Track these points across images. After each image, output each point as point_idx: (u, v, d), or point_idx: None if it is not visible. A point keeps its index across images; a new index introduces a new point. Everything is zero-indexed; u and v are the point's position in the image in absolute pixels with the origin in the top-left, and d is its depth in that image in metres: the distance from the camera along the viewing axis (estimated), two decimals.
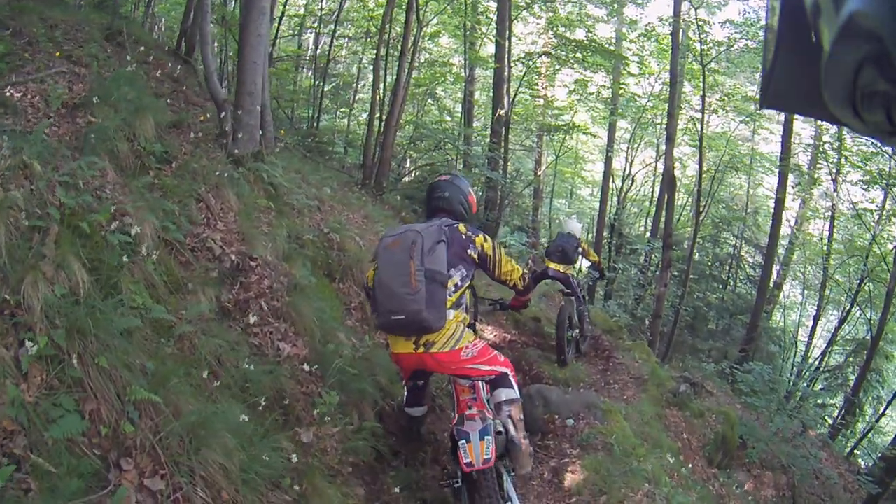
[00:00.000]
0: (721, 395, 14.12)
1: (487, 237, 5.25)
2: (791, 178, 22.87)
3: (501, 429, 4.86)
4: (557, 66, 24.17)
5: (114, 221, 4.84)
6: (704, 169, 21.78)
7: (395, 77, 15.56)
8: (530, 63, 22.60)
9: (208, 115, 8.54)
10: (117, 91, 6.74)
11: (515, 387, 5.05)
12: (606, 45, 22.05)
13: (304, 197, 8.59)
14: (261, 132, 8.05)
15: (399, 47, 15.43)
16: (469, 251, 5.05)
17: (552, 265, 10.61)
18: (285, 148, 12.77)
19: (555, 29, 22.11)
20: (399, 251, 4.71)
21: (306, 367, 5.70)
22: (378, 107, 16.45)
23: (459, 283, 4.96)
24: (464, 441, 4.56)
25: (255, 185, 7.48)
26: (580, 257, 11.15)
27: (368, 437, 5.63)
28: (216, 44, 17.90)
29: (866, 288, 22.07)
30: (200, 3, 8.62)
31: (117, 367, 3.85)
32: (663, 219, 23.08)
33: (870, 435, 21.59)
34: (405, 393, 5.66)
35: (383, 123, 15.70)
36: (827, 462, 12.16)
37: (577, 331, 11.06)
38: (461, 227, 5.11)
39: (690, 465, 8.60)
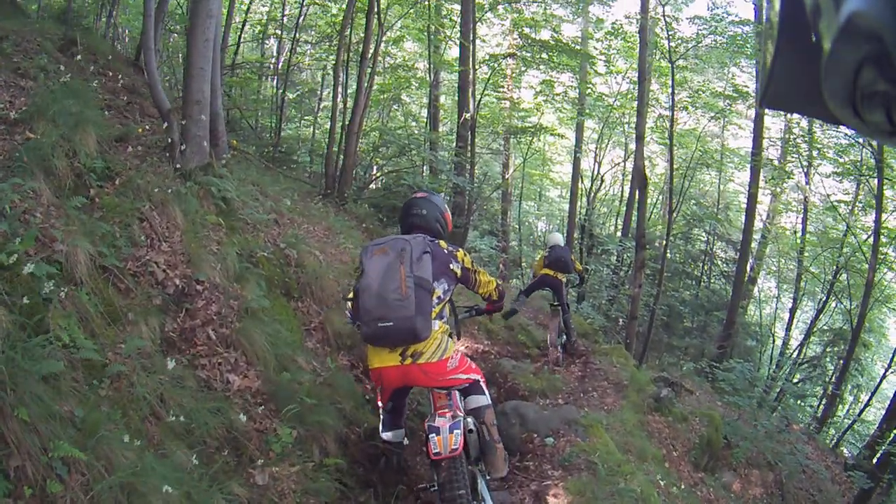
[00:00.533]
0: (701, 393, 14.15)
1: (466, 252, 5.31)
2: (762, 172, 22.77)
3: (473, 427, 4.98)
4: (523, 68, 23.92)
5: (40, 250, 4.38)
6: (675, 167, 21.56)
7: (356, 83, 15.06)
8: (495, 65, 22.34)
9: (147, 127, 7.91)
10: (57, 105, 6.17)
11: (487, 392, 5.14)
12: (573, 45, 21.79)
13: (259, 211, 8.03)
14: (208, 143, 7.43)
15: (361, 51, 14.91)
16: (451, 266, 5.06)
17: (551, 273, 11.79)
18: (245, 158, 12.31)
19: (520, 30, 21.82)
20: (388, 257, 4.65)
21: (259, 400, 5.28)
22: (341, 113, 16.04)
23: (442, 296, 4.96)
24: (434, 434, 4.58)
25: (205, 201, 6.91)
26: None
27: (332, 474, 5.22)
28: (180, 55, 17.40)
29: (842, 278, 22.29)
30: (146, 5, 8.01)
31: (41, 418, 3.38)
32: (635, 218, 22.98)
33: (843, 419, 22.10)
34: (382, 417, 5.36)
35: (345, 130, 15.18)
36: (813, 456, 12.15)
37: (566, 337, 12.30)
38: (442, 242, 5.12)
39: (677, 473, 8.43)
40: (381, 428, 5.39)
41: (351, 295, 5.05)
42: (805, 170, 23.66)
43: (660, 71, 22.45)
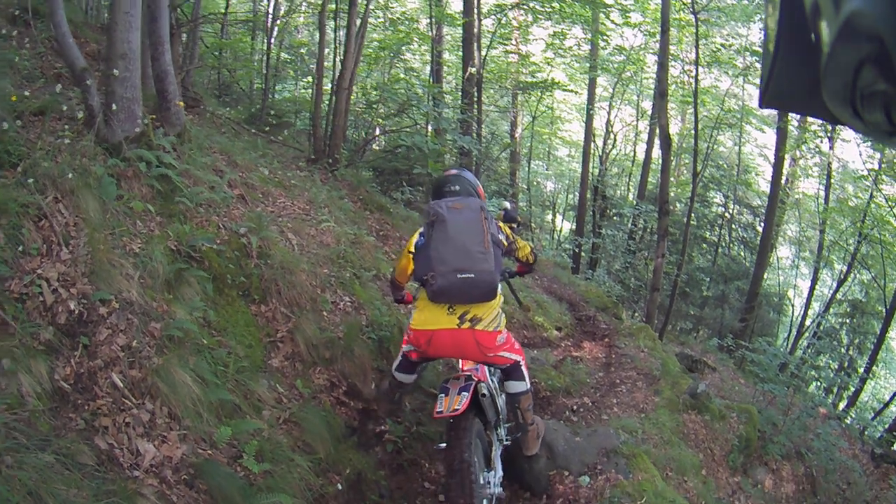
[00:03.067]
0: (724, 370, 13.81)
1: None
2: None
3: (487, 392, 5.11)
4: (531, 19, 22.43)
5: None
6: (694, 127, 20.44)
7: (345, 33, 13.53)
8: (502, 17, 21.03)
9: (70, 95, 6.19)
10: None
11: (526, 377, 5.28)
12: None
13: (218, 186, 6.57)
14: (140, 107, 5.75)
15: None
16: (499, 235, 5.13)
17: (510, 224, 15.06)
18: (222, 123, 10.96)
19: None
20: (469, 212, 4.80)
21: (183, 477, 3.76)
22: (329, 70, 14.80)
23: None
24: (443, 395, 4.77)
25: (134, 182, 5.38)
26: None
27: None
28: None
29: (862, 249, 21.96)
30: None
31: None
32: (652, 181, 21.90)
33: (867, 402, 22.30)
34: (399, 359, 5.50)
35: (334, 87, 13.67)
36: (844, 447, 11.34)
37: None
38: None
39: (714, 482, 7.56)
40: (394, 365, 5.56)
41: (411, 249, 5.14)
42: (830, 134, 22.43)
43: (678, 25, 21.03)
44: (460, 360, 5.43)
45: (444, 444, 4.86)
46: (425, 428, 6.31)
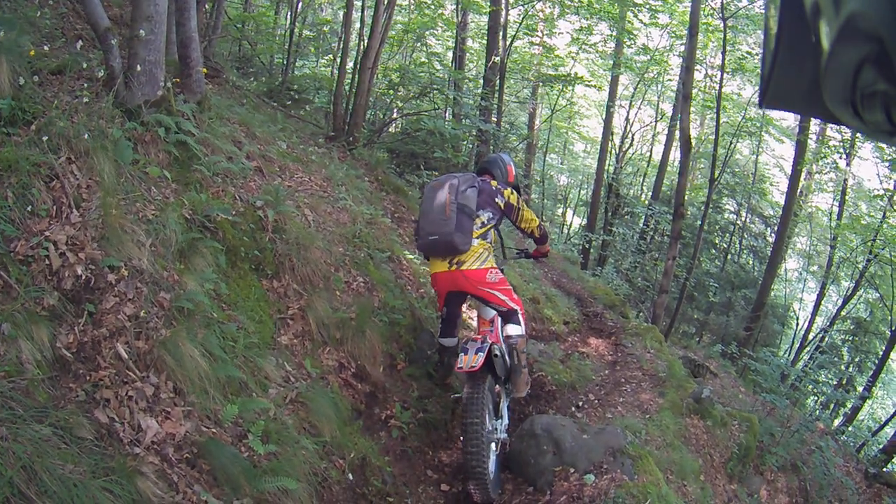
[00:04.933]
0: (725, 377, 13.71)
1: (514, 192, 6.53)
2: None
3: (498, 353, 6.19)
4: (558, 12, 22.27)
5: None
6: (713, 133, 20.28)
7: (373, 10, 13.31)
8: (528, 8, 20.94)
9: (91, 56, 5.97)
10: None
11: (523, 324, 6.36)
12: None
13: (236, 157, 6.42)
14: (163, 71, 5.61)
15: None
16: (497, 199, 6.32)
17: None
18: (240, 94, 10.83)
19: None
20: (441, 189, 6.03)
21: (185, 455, 3.62)
22: (354, 49, 14.78)
23: (485, 222, 6.22)
24: (462, 354, 5.81)
25: (151, 147, 5.23)
26: None
27: None
28: None
29: (871, 268, 21.71)
30: None
31: None
32: (670, 183, 21.69)
33: (863, 420, 22.12)
34: (440, 325, 6.67)
35: (358, 65, 13.48)
36: (839, 463, 11.30)
37: None
38: (494, 182, 6.44)
39: (712, 489, 7.53)
40: (438, 333, 6.82)
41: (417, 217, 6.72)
42: (847, 151, 22.31)
43: (705, 29, 20.87)
44: (476, 323, 6.87)
45: (459, 395, 6.13)
46: (431, 416, 6.56)
